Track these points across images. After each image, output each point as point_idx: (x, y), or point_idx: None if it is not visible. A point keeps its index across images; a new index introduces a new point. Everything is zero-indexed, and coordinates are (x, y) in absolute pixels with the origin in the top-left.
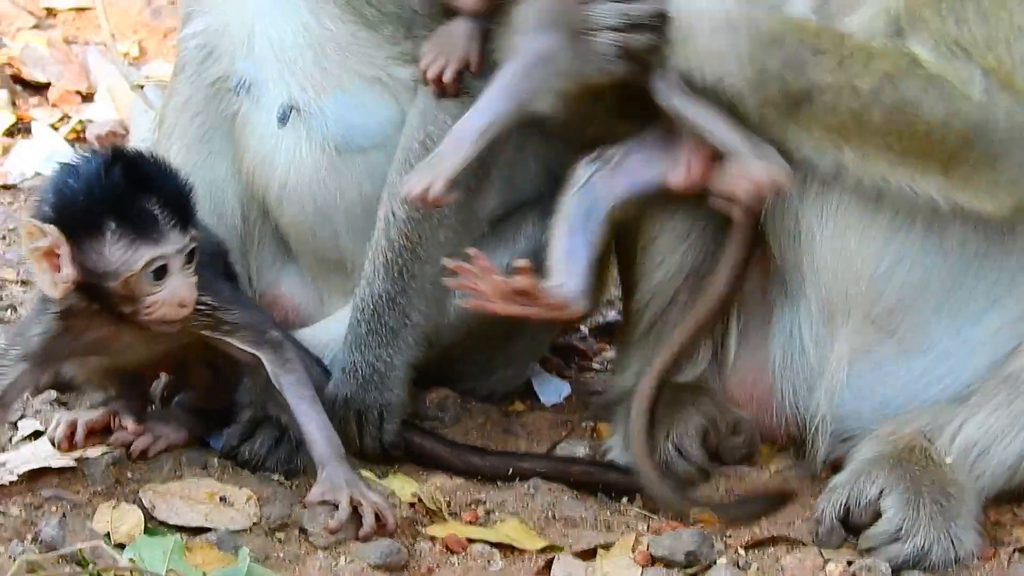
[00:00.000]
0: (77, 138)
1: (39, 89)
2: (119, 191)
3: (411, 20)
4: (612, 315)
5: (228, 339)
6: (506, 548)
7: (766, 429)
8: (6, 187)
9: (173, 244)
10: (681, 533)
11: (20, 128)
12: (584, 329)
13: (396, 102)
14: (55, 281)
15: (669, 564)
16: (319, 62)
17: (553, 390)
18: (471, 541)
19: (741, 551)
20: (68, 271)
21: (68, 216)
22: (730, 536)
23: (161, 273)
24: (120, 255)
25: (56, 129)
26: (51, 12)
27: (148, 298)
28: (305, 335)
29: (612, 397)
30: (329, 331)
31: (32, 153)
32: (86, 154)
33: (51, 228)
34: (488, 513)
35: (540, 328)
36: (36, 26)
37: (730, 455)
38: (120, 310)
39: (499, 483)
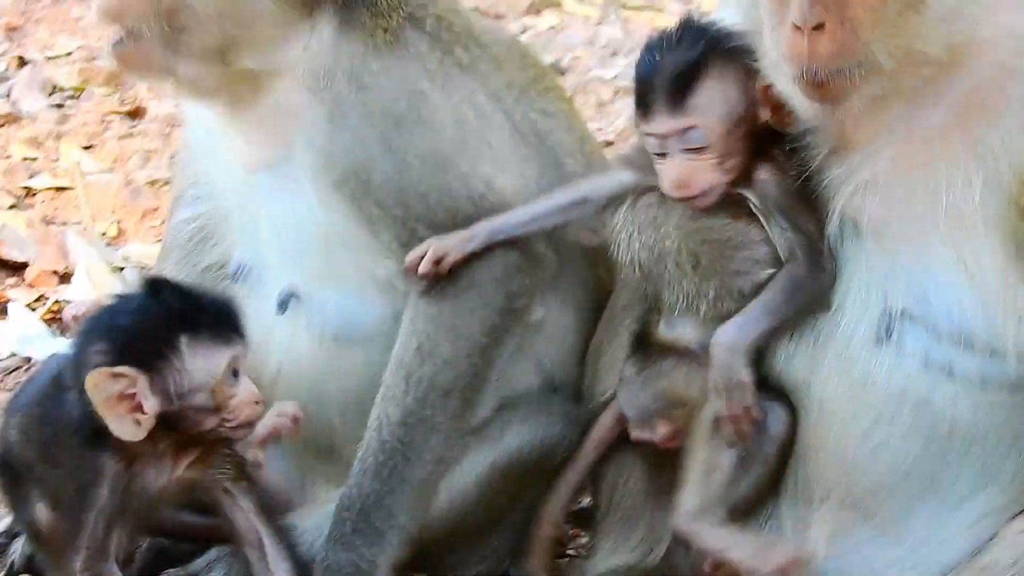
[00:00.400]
0: (53, 318)
1: (16, 269)
2: (176, 307)
3: (414, 225)
4: (586, 501)
5: (240, 500)
6: None
7: None
8: None
9: (238, 342)
10: None
11: None
12: None
13: (396, 299)
14: (137, 421)
15: None
16: (324, 251)
17: None
18: None
19: None
20: (151, 402)
21: (135, 349)
22: None
23: (235, 374)
24: (203, 363)
25: (33, 309)
26: (30, 192)
27: (232, 401)
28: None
29: None
30: (313, 521)
31: (8, 333)
32: (117, 296)
33: (124, 368)
34: None
35: (523, 520)
36: (14, 206)
37: None
38: (203, 428)
39: None
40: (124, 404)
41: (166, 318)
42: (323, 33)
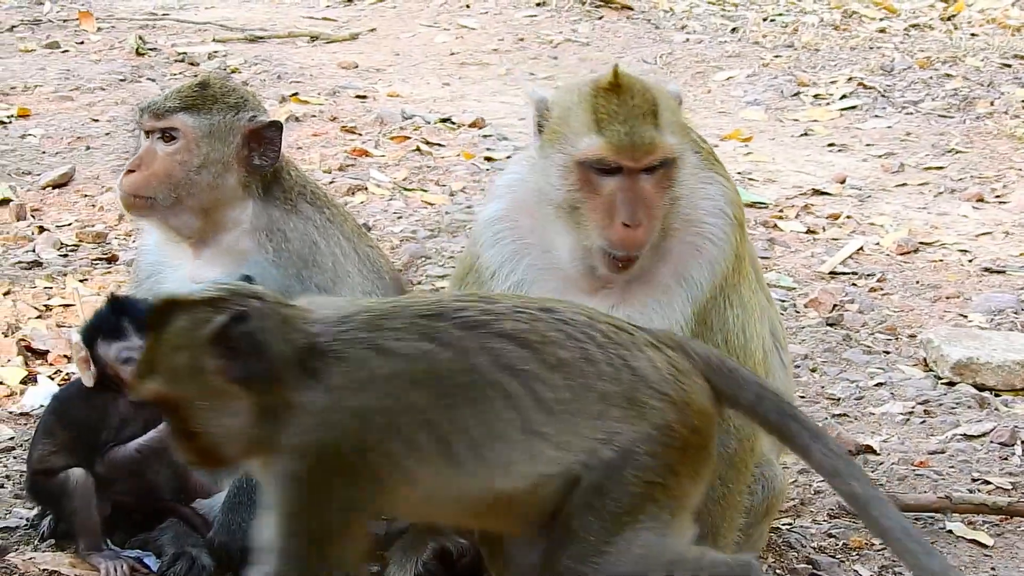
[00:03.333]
0: (63, 381)
1: (41, 355)
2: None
3: None
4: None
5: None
6: None
7: None
8: (24, 414)
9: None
10: None
11: (30, 379)
12: None
13: None
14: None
15: None
16: None
17: None
18: None
19: None
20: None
21: (92, 338)
22: None
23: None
24: (114, 352)
25: (52, 379)
26: (48, 307)
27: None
28: None
29: None
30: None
31: (38, 393)
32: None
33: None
34: None
35: None
36: (39, 316)
37: (464, 570)
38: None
39: None
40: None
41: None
42: (256, 202)
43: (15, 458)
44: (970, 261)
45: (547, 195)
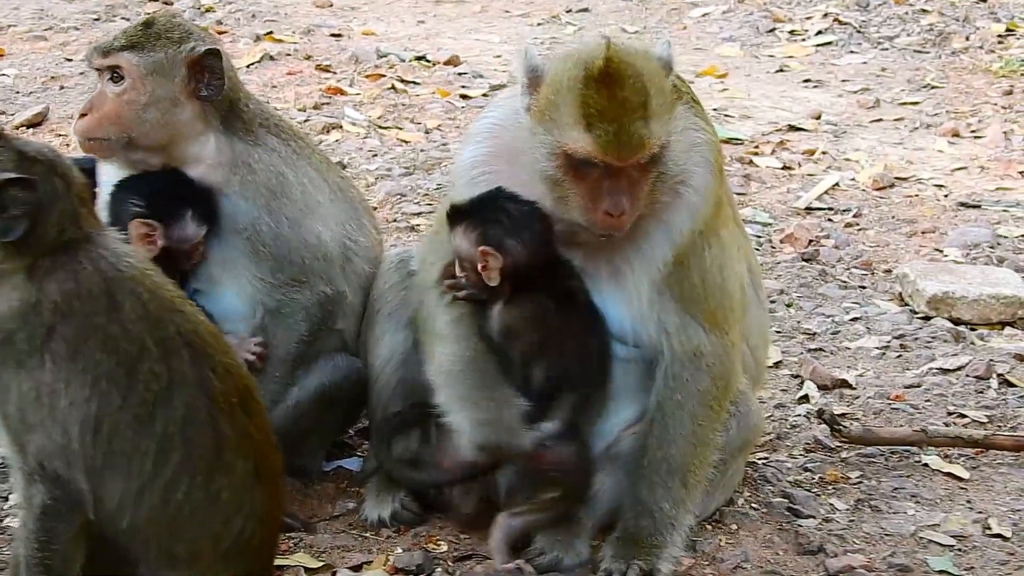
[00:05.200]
0: None
1: None
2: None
3: (282, 261)
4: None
5: None
6: (298, 568)
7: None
8: None
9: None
10: (414, 553)
11: None
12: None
13: (259, 304)
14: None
15: (407, 572)
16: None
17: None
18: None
19: (450, 563)
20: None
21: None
22: (445, 553)
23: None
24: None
25: None
26: None
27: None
28: None
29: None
30: None
31: None
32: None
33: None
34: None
35: (327, 431)
36: None
37: (441, 507)
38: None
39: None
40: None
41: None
42: (219, 136)
43: None
44: (946, 196)
45: (531, 164)
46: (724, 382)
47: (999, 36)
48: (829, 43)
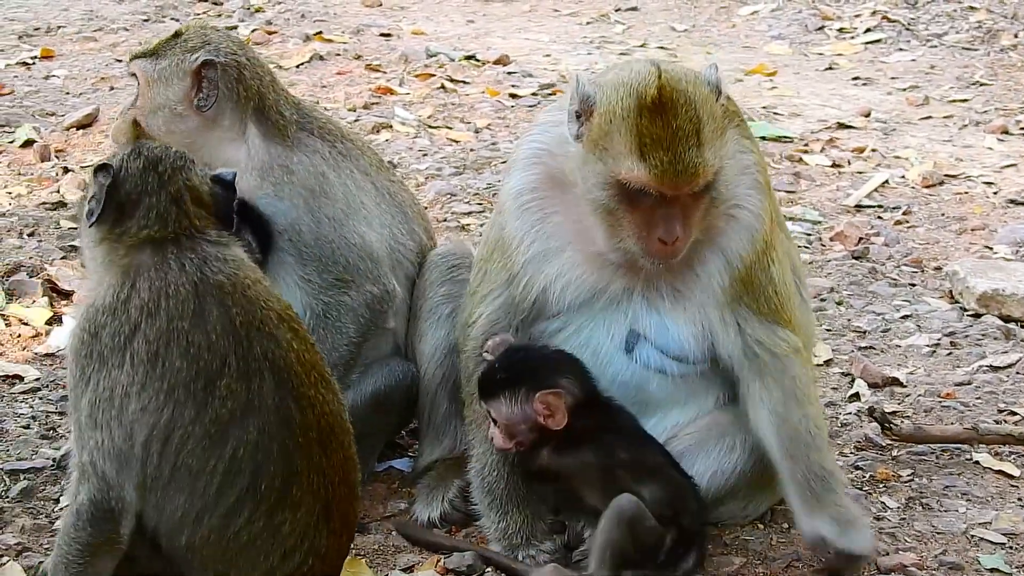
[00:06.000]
0: None
1: (67, 295)
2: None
3: (326, 262)
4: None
5: None
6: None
7: None
8: (49, 354)
9: None
10: (465, 554)
11: (55, 319)
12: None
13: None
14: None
15: (458, 573)
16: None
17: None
18: None
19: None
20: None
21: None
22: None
23: None
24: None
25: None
26: (73, 249)
27: None
28: None
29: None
30: None
31: (63, 334)
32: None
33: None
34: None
35: (385, 432)
36: (65, 257)
37: None
38: None
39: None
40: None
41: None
42: (254, 141)
43: (40, 398)
44: (995, 193)
45: (584, 193)
46: (811, 366)
47: None
48: (878, 40)
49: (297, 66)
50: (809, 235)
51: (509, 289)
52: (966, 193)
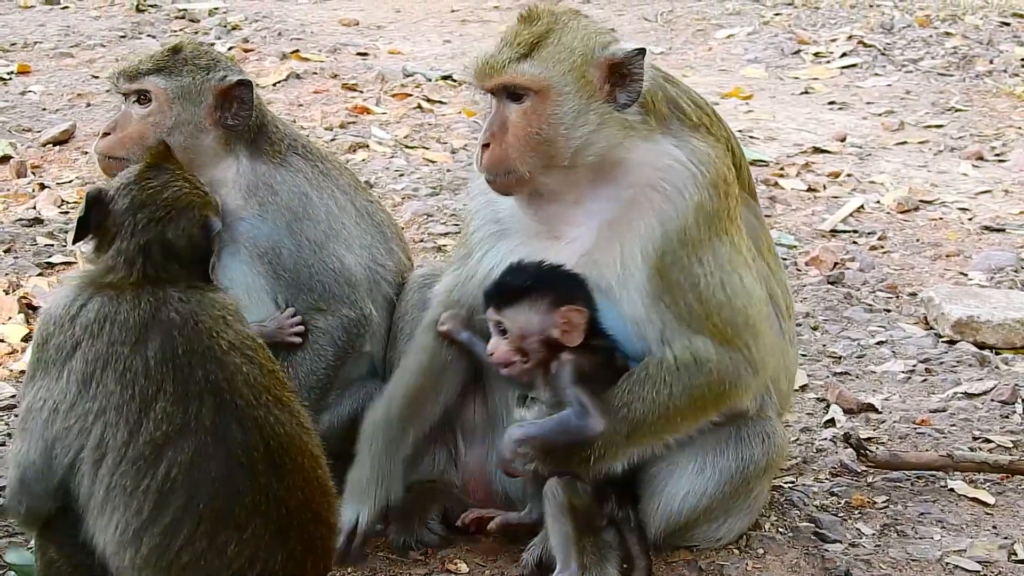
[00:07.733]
0: None
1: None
2: None
3: (304, 285)
4: None
5: None
6: None
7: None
8: (24, 372)
9: None
10: None
11: (31, 336)
12: None
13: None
14: None
15: None
16: (245, 300)
17: None
18: None
19: None
20: None
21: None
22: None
23: None
24: None
25: None
26: (50, 265)
27: None
28: None
29: None
30: None
31: None
32: None
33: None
34: None
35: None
36: (41, 274)
37: (465, 529)
38: None
39: None
40: None
41: None
42: (242, 159)
43: (16, 416)
44: (970, 219)
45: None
46: (721, 388)
47: (1023, 59)
48: (854, 65)
49: (274, 84)
50: (784, 259)
51: (467, 265)
52: (941, 219)
